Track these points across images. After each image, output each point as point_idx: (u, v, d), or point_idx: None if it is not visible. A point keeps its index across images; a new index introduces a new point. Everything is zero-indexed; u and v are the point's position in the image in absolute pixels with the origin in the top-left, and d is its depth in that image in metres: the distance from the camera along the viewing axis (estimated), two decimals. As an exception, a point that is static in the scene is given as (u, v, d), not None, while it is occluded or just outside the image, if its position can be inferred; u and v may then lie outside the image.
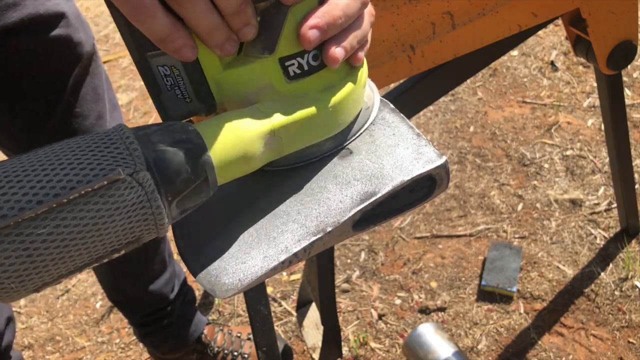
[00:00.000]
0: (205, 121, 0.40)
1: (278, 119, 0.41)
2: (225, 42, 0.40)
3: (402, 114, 0.47)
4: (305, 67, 0.42)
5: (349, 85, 0.45)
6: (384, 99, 0.49)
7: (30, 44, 0.88)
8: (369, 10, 0.45)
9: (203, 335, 1.42)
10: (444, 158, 0.43)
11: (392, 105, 0.48)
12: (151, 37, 0.39)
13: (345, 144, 0.46)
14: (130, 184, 0.34)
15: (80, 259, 0.34)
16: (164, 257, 1.28)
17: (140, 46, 0.41)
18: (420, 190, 0.44)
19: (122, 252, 0.36)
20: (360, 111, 0.47)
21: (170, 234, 1.68)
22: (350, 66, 0.45)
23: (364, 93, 0.48)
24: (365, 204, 0.41)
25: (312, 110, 0.43)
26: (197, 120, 0.45)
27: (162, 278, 1.30)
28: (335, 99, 0.44)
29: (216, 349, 1.42)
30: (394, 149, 0.44)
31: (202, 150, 0.37)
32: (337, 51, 0.42)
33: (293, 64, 0.42)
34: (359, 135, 0.47)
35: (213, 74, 0.42)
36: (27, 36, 0.87)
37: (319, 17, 0.40)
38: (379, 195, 0.41)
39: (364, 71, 0.47)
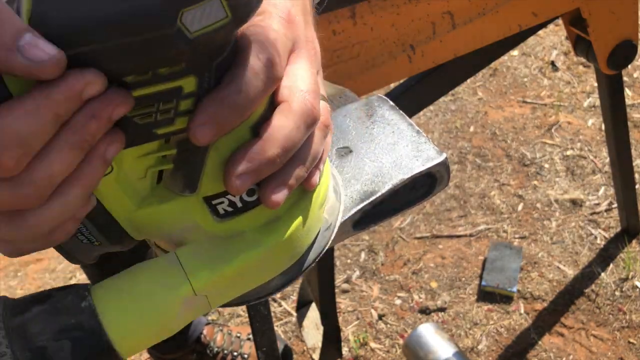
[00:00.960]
0: (106, 286, 0.33)
1: (200, 278, 0.34)
2: (82, 198, 0.30)
3: (401, 111, 0.47)
4: (239, 205, 0.34)
5: (299, 215, 0.37)
6: (383, 97, 0.49)
7: None
8: (322, 123, 0.36)
9: (202, 336, 1.42)
10: (444, 155, 0.43)
11: (391, 103, 0.47)
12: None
13: (298, 276, 0.39)
14: None
15: None
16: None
17: None
18: (420, 188, 0.44)
19: None
20: (318, 234, 0.39)
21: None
22: (300, 190, 0.37)
23: (324, 210, 0.39)
24: (365, 203, 0.41)
25: (247, 255, 0.35)
26: None
27: None
28: (279, 236, 0.36)
29: (216, 349, 1.42)
30: (393, 147, 0.44)
31: (96, 338, 0.31)
32: (279, 194, 0.33)
33: (222, 202, 0.34)
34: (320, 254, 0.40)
35: (124, 215, 0.34)
36: None
37: (249, 161, 0.31)
38: (379, 194, 0.41)
39: (323, 185, 0.39)
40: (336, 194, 0.41)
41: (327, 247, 0.40)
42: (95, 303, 0.32)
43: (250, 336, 1.43)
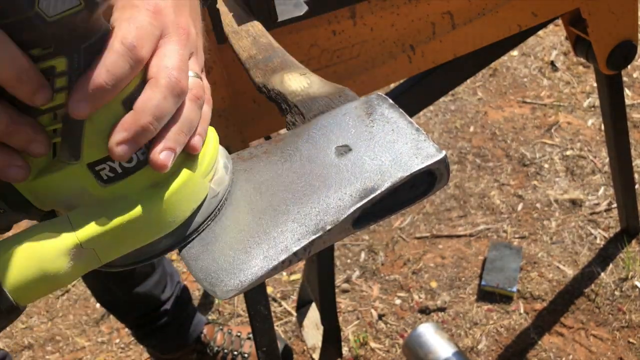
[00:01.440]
0: (4, 239, 0.38)
1: (85, 232, 0.38)
2: (9, 169, 0.37)
3: (401, 109, 0.47)
4: (119, 170, 0.39)
5: (181, 179, 0.41)
6: (382, 95, 0.49)
7: None
8: (194, 95, 0.41)
9: (202, 335, 1.42)
10: (444, 153, 0.42)
11: (390, 101, 0.47)
12: None
13: (186, 241, 0.43)
14: None
15: None
16: None
17: None
18: (420, 185, 0.44)
19: None
20: (204, 201, 0.43)
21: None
22: (185, 154, 0.42)
23: (210, 179, 0.44)
24: (365, 201, 0.41)
25: (129, 215, 0.39)
26: None
27: (151, 280, 1.29)
28: (159, 199, 0.40)
29: (216, 348, 1.42)
30: (392, 144, 0.44)
31: None
32: (163, 156, 0.38)
33: (104, 168, 0.39)
34: (210, 223, 0.44)
35: (23, 185, 0.39)
36: None
37: (125, 130, 0.37)
38: (379, 192, 0.41)
39: (206, 155, 0.43)
40: (226, 169, 0.46)
41: (213, 214, 0.44)
42: None
43: (251, 335, 1.44)
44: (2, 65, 0.33)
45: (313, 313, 1.49)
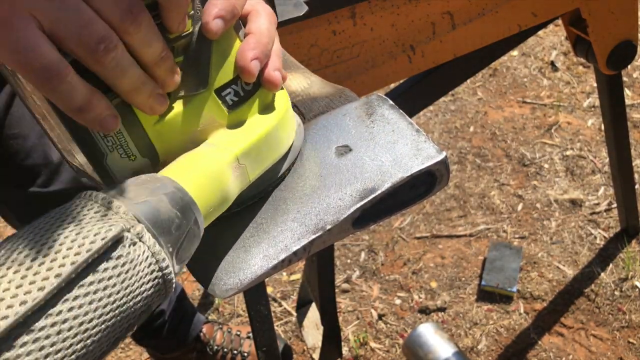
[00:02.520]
0: (168, 168, 0.38)
1: (238, 147, 0.40)
2: (154, 98, 0.37)
3: (401, 110, 0.47)
4: (242, 93, 0.42)
5: (284, 101, 0.45)
6: (382, 96, 0.49)
7: None
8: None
9: (202, 334, 1.42)
10: (444, 154, 0.42)
11: (391, 102, 0.47)
12: (67, 108, 0.34)
13: (295, 163, 0.46)
14: (132, 241, 0.31)
15: (99, 344, 0.30)
16: None
17: None
18: (420, 186, 0.44)
19: (135, 328, 0.33)
20: (298, 126, 0.47)
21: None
22: None
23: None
24: (365, 201, 0.41)
25: (264, 130, 0.42)
26: None
27: None
28: (278, 116, 0.43)
29: (215, 347, 1.42)
30: (393, 145, 0.44)
31: (182, 193, 0.35)
32: (276, 74, 0.42)
33: (229, 93, 0.41)
34: (299, 155, 0.47)
35: (151, 125, 0.39)
36: None
37: (254, 49, 0.40)
38: (379, 192, 0.41)
39: (284, 92, 0.47)
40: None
41: (303, 142, 0.47)
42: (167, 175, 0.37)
43: (250, 334, 1.44)
44: None
45: (313, 313, 1.49)
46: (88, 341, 0.29)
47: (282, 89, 0.46)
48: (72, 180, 1.04)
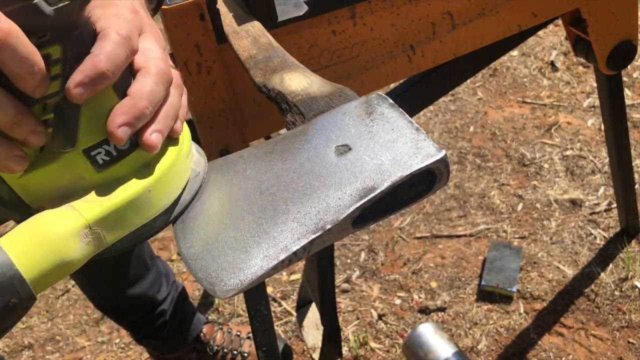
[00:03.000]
0: (9, 232, 0.38)
1: (91, 213, 0.40)
2: (9, 160, 0.37)
3: (400, 109, 0.47)
4: (114, 153, 0.41)
5: (169, 159, 0.44)
6: (382, 94, 0.49)
7: None
8: (175, 83, 0.45)
9: (202, 334, 1.42)
10: (443, 152, 0.42)
11: (390, 100, 0.47)
12: None
13: (175, 217, 0.45)
14: None
15: None
16: (143, 259, 1.28)
17: None
18: (420, 185, 0.44)
19: None
20: (188, 181, 0.47)
21: (169, 233, 1.68)
22: (169, 137, 0.45)
23: (190, 160, 0.47)
24: (364, 200, 0.41)
25: (129, 194, 0.41)
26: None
27: (145, 280, 1.29)
28: (154, 178, 0.43)
29: (215, 347, 1.42)
30: (392, 144, 0.44)
31: (7, 267, 0.35)
32: (154, 137, 0.41)
33: (100, 152, 0.41)
34: (193, 204, 0.46)
35: (14, 178, 0.39)
36: None
37: (126, 114, 0.39)
38: (378, 191, 0.41)
39: (185, 139, 0.47)
40: (200, 153, 0.50)
41: (199, 191, 0.47)
42: (1, 244, 0.37)
43: (250, 335, 1.44)
44: (17, 58, 0.34)
45: (313, 313, 1.49)
46: None
47: (175, 139, 0.46)
48: None
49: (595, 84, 2.00)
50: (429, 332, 1.35)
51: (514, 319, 1.46)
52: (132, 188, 0.41)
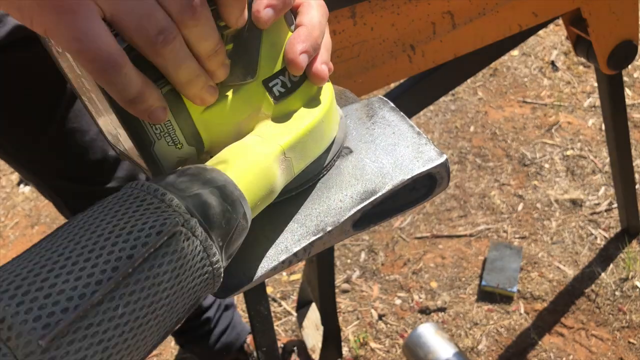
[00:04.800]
0: (216, 159, 0.38)
1: (284, 140, 0.40)
2: (206, 90, 0.37)
3: (402, 113, 0.47)
4: (288, 85, 0.41)
5: (329, 94, 0.44)
6: (384, 98, 0.49)
7: (19, 57, 0.84)
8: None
9: (246, 345, 1.39)
10: (445, 157, 0.42)
11: (392, 104, 0.47)
12: (120, 98, 0.34)
13: (340, 153, 0.45)
14: (185, 235, 0.31)
15: (151, 338, 0.30)
16: None
17: None
18: (420, 189, 0.44)
19: (182, 322, 0.33)
20: (340, 119, 0.47)
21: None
22: None
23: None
24: (365, 203, 0.41)
25: (310, 123, 0.41)
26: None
27: None
28: (323, 109, 0.43)
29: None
30: (394, 147, 0.44)
31: (232, 187, 0.35)
32: (323, 69, 0.42)
33: (277, 83, 0.41)
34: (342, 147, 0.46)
35: (199, 113, 0.39)
36: (14, 49, 0.83)
37: (304, 42, 0.40)
38: (379, 194, 0.41)
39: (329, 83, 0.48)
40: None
41: (347, 134, 0.47)
42: (219, 168, 0.36)
43: (295, 348, 1.41)
44: None
45: (313, 313, 1.49)
46: (141, 335, 0.29)
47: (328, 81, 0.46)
48: (128, 178, 1.04)
49: (595, 84, 2.00)
50: (429, 333, 1.35)
51: (514, 319, 1.45)
52: (308, 118, 0.42)
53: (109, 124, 0.41)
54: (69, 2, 0.31)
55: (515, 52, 2.24)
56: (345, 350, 1.46)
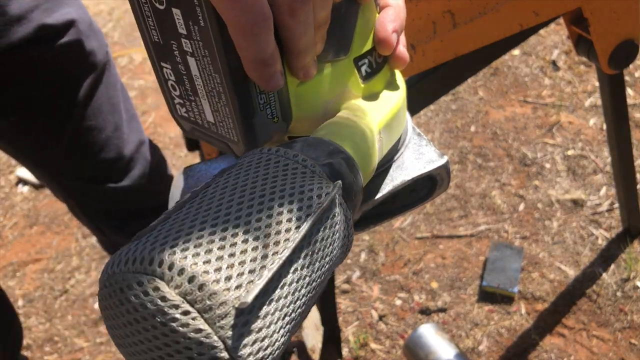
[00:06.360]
0: (325, 131, 0.37)
1: (379, 119, 0.39)
2: (313, 61, 0.36)
3: None
4: (374, 65, 0.41)
5: (402, 78, 0.44)
6: None
7: (38, 54, 0.84)
8: None
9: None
10: (445, 158, 0.42)
11: None
12: (255, 57, 0.33)
13: (403, 142, 0.45)
14: (339, 201, 0.30)
15: (309, 306, 0.30)
16: None
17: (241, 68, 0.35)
18: (420, 190, 0.44)
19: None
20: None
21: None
22: None
23: None
24: (366, 203, 0.41)
25: (397, 105, 0.41)
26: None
27: None
28: (403, 91, 0.43)
29: None
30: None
31: (353, 160, 0.34)
32: (405, 51, 0.41)
33: (365, 63, 0.40)
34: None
35: (293, 88, 0.38)
36: (34, 47, 0.82)
37: (394, 21, 0.40)
38: (380, 195, 0.41)
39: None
40: None
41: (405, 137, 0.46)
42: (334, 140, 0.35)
43: None
44: None
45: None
46: (307, 302, 0.29)
47: None
48: (142, 177, 1.03)
49: (597, 83, 2.00)
50: (429, 333, 1.34)
51: (515, 320, 1.45)
52: (394, 99, 0.41)
53: (191, 94, 0.39)
54: None
55: (516, 52, 2.23)
56: (345, 350, 1.45)
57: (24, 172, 2.07)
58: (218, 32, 0.32)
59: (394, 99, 0.42)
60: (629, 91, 2.00)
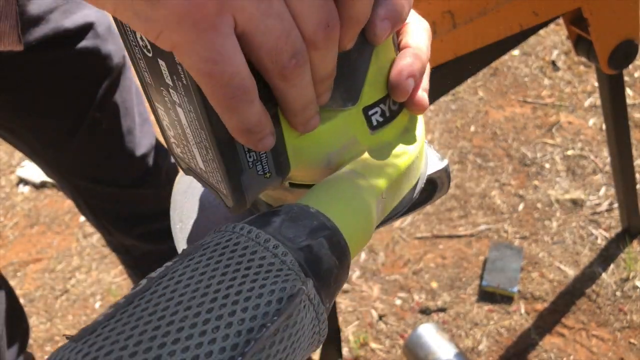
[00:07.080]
0: (312, 196, 0.34)
1: (385, 179, 0.36)
2: (314, 116, 0.33)
3: None
4: (387, 114, 0.37)
5: (422, 126, 0.40)
6: None
7: (55, 56, 0.83)
8: None
9: None
10: (446, 162, 0.42)
11: None
12: (235, 127, 0.31)
13: (418, 189, 0.42)
14: (304, 303, 0.27)
15: None
16: None
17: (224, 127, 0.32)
18: (420, 193, 0.44)
19: None
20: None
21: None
22: None
23: None
24: None
25: (407, 161, 0.37)
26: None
27: None
28: (419, 143, 0.39)
29: None
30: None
31: (338, 235, 0.31)
32: (424, 97, 0.37)
33: (376, 112, 0.36)
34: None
35: (292, 140, 0.35)
36: (51, 49, 0.82)
37: (412, 65, 0.35)
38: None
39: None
40: None
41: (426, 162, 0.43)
42: (318, 208, 0.32)
43: None
44: (329, 11, 0.30)
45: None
46: None
47: None
48: (152, 180, 1.04)
49: (596, 84, 2.00)
50: (429, 333, 1.34)
51: (514, 320, 1.45)
52: (405, 155, 0.38)
53: (183, 139, 0.37)
54: (210, 17, 0.27)
55: (515, 52, 2.24)
56: (345, 350, 1.46)
57: (24, 172, 2.08)
58: (199, 95, 0.30)
59: (406, 155, 0.38)
60: (629, 91, 2.00)
